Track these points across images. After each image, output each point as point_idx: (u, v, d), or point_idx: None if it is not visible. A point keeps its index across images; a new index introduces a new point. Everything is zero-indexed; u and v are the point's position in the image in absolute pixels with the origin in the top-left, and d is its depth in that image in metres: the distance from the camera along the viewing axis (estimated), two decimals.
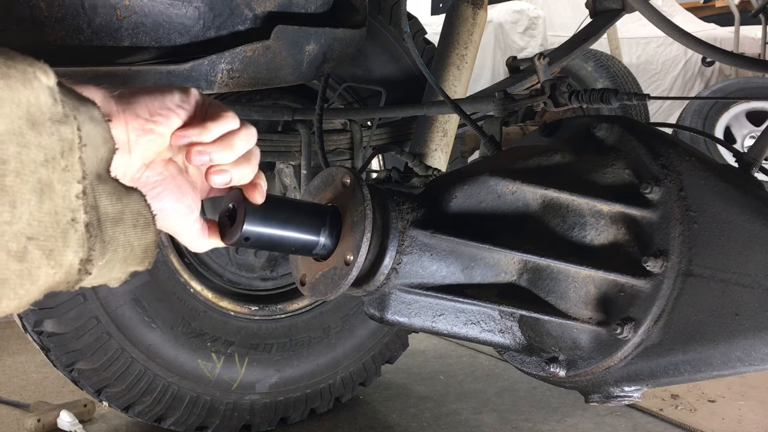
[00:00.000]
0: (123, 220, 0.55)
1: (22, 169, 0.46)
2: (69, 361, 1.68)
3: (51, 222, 0.48)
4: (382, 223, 0.88)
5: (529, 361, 1.01)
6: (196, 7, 0.96)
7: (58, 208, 0.49)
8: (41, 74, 0.48)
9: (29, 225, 0.47)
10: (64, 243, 0.49)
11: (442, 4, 8.18)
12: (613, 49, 5.61)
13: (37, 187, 0.47)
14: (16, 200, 0.46)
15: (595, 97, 1.24)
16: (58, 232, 0.49)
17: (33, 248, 0.47)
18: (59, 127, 0.49)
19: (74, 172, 0.50)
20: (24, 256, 0.47)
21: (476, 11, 1.78)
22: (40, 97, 0.48)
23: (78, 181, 0.50)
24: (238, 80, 1.03)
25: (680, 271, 0.89)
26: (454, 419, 2.04)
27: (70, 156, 0.50)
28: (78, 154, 0.50)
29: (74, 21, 0.89)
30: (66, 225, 0.49)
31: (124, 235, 0.55)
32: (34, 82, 0.47)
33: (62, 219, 0.49)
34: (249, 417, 1.91)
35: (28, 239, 0.47)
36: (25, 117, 0.46)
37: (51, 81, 0.49)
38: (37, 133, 0.47)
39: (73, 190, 0.50)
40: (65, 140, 0.49)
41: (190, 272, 1.85)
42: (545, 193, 0.96)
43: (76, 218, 0.50)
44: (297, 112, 1.74)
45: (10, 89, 0.46)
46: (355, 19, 1.21)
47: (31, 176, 0.47)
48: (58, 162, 0.49)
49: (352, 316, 2.02)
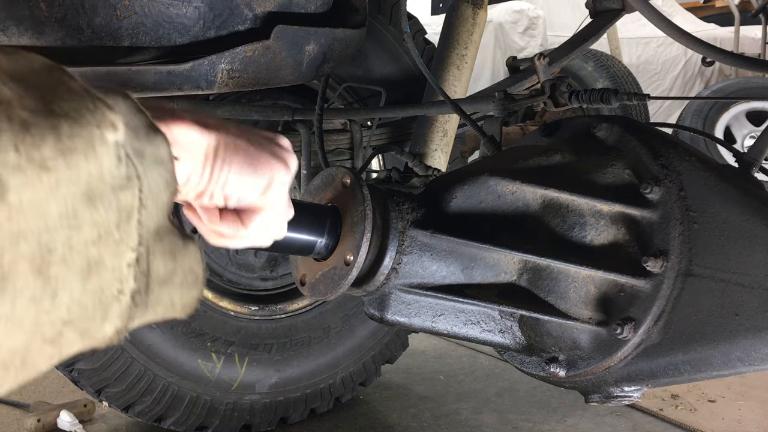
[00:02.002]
0: (172, 281, 0.47)
1: (69, 255, 0.38)
2: (69, 361, 1.68)
3: (93, 302, 0.40)
4: (382, 223, 0.88)
5: (529, 361, 1.01)
6: (196, 7, 0.96)
7: (105, 284, 0.40)
8: (109, 132, 0.39)
9: (68, 310, 0.39)
10: (103, 318, 0.41)
11: (442, 4, 8.18)
12: (613, 49, 5.61)
13: (84, 269, 0.39)
14: (58, 289, 0.38)
15: (595, 97, 1.24)
16: (98, 311, 0.41)
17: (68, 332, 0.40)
18: (119, 195, 0.40)
19: (129, 240, 0.42)
20: (57, 340, 0.39)
21: (476, 11, 1.78)
22: (104, 165, 0.39)
23: (132, 249, 0.42)
24: (238, 80, 1.03)
25: (680, 271, 0.89)
26: (454, 419, 2.04)
27: (127, 224, 0.41)
28: (136, 218, 0.42)
29: (74, 21, 0.89)
30: (110, 299, 0.41)
31: (168, 296, 0.47)
32: (100, 149, 0.39)
33: (107, 294, 0.41)
34: (249, 417, 1.91)
35: (64, 324, 0.39)
36: (81, 194, 0.38)
37: (119, 134, 0.40)
38: (93, 208, 0.39)
39: (125, 261, 0.42)
40: (123, 209, 0.41)
41: None
42: (545, 193, 0.96)
43: (123, 289, 0.42)
44: (297, 112, 1.74)
45: (69, 168, 0.37)
46: (355, 19, 1.21)
47: (79, 259, 0.39)
48: (113, 235, 0.40)
49: (352, 316, 2.02)
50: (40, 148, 0.36)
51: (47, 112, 0.37)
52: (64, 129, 0.37)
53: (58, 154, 0.37)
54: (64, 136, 0.37)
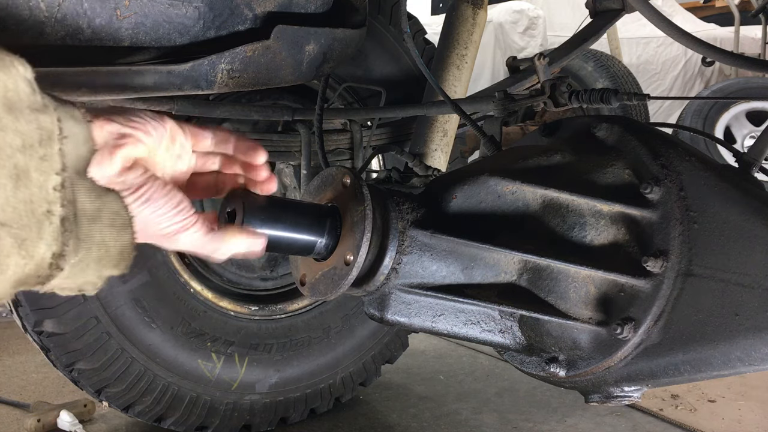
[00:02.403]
0: (100, 218, 0.54)
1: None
2: (69, 361, 1.68)
3: (25, 210, 0.47)
4: (382, 223, 0.88)
5: (529, 361, 1.01)
6: (196, 7, 0.96)
7: (34, 198, 0.47)
8: (18, 64, 0.48)
9: (2, 210, 0.45)
10: (38, 234, 0.48)
11: (442, 4, 8.18)
12: (613, 49, 5.61)
13: (13, 173, 0.46)
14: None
15: (595, 97, 1.24)
16: (32, 222, 0.47)
17: (4, 235, 0.46)
18: (38, 116, 0.48)
19: (53, 162, 0.49)
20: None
21: (476, 11, 1.78)
22: (19, 84, 0.47)
23: (56, 172, 0.49)
24: (238, 80, 1.03)
25: (680, 271, 0.89)
26: (454, 419, 2.04)
27: (49, 146, 0.49)
28: (58, 145, 0.49)
29: (74, 21, 0.88)
30: (41, 216, 0.48)
31: (100, 234, 0.54)
32: (12, 69, 0.47)
33: (38, 209, 0.48)
34: (249, 417, 1.91)
35: (0, 225, 0.45)
36: (2, 101, 0.46)
37: (28, 73, 0.48)
38: (15, 118, 0.46)
39: (50, 182, 0.49)
40: (44, 129, 0.48)
41: (190, 272, 1.85)
42: (545, 193, 0.96)
43: (52, 210, 0.49)
44: (297, 112, 1.74)
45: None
46: (355, 19, 1.21)
47: (7, 161, 0.46)
48: (36, 150, 0.47)
49: (352, 316, 2.02)
50: None
51: None
52: None
53: None
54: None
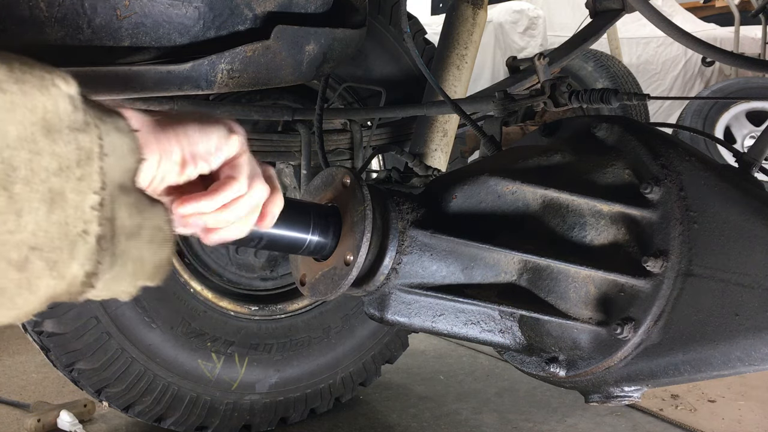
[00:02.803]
0: (139, 235, 0.53)
1: (32, 178, 0.44)
2: (69, 361, 1.68)
3: (58, 233, 0.46)
4: (382, 223, 0.88)
5: (529, 361, 1.01)
6: (196, 7, 0.96)
7: (69, 219, 0.46)
8: (60, 81, 0.46)
9: (34, 235, 0.45)
10: (70, 255, 0.47)
11: (442, 4, 8.18)
12: (613, 49, 5.61)
13: (48, 197, 0.45)
14: (22, 209, 0.44)
15: (595, 97, 1.24)
16: (65, 244, 0.46)
17: (35, 258, 0.45)
18: (77, 135, 0.47)
19: (91, 182, 0.48)
20: (24, 266, 0.45)
21: (476, 11, 1.78)
22: (59, 104, 0.46)
23: (95, 192, 0.48)
24: (238, 80, 1.03)
25: (680, 271, 0.89)
26: (454, 419, 2.04)
27: (88, 165, 0.47)
28: (98, 163, 0.48)
29: (74, 21, 0.89)
30: (76, 236, 0.47)
31: (137, 250, 0.53)
32: (52, 89, 0.46)
33: (72, 230, 0.47)
34: (249, 417, 1.91)
35: (30, 249, 0.45)
36: (39, 123, 0.45)
37: (72, 89, 0.47)
38: (52, 140, 0.45)
39: (88, 201, 0.48)
40: (83, 149, 0.47)
41: (190, 272, 1.85)
42: (545, 193, 0.96)
43: (88, 230, 0.48)
44: (297, 112, 1.74)
45: (24, 94, 0.44)
46: (355, 19, 1.21)
47: (41, 185, 0.45)
48: (73, 171, 0.46)
49: (352, 316, 2.02)
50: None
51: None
52: (15, 65, 0.44)
53: (11, 81, 0.43)
54: (15, 69, 0.44)
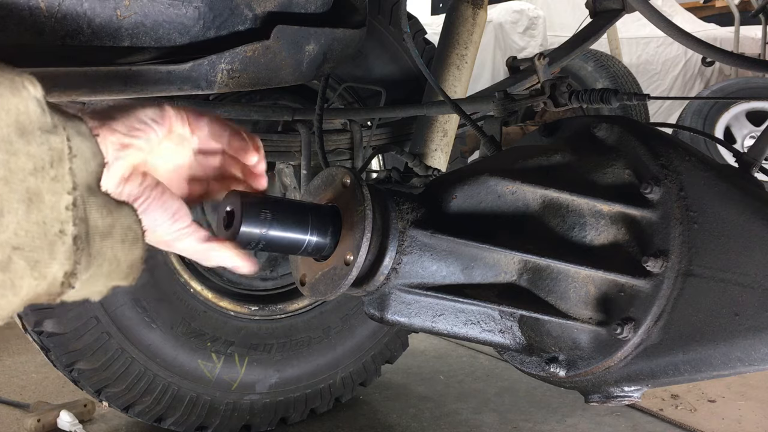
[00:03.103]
0: (112, 235, 0.54)
1: (10, 177, 0.45)
2: (69, 361, 1.68)
3: (38, 233, 0.47)
4: (382, 223, 0.88)
5: (529, 361, 1.01)
6: (196, 7, 0.96)
7: (47, 219, 0.48)
8: (29, 84, 0.48)
9: (16, 235, 0.46)
10: (50, 255, 0.48)
11: (442, 4, 8.18)
12: (613, 49, 5.61)
13: (26, 197, 0.46)
14: (3, 209, 0.45)
15: (595, 97, 1.24)
16: (45, 244, 0.47)
17: (18, 258, 0.46)
18: (48, 137, 0.48)
19: (64, 182, 0.49)
20: (8, 266, 0.45)
21: (476, 11, 1.78)
22: (29, 106, 0.47)
23: (68, 192, 0.49)
24: (238, 80, 1.03)
25: (680, 271, 0.89)
26: (454, 419, 2.04)
27: (60, 166, 0.49)
28: (68, 164, 0.49)
29: (74, 21, 0.88)
30: (54, 236, 0.48)
31: (111, 250, 0.54)
32: (23, 92, 0.47)
33: (50, 230, 0.48)
34: (249, 417, 1.91)
35: (13, 249, 0.45)
36: (14, 125, 0.46)
37: (38, 92, 0.48)
38: (26, 141, 0.46)
39: (63, 202, 0.49)
40: (55, 150, 0.48)
41: (190, 272, 1.85)
42: (545, 193, 0.96)
43: (65, 230, 0.49)
44: (297, 112, 1.74)
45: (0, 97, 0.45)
46: (355, 19, 1.21)
47: (19, 185, 0.46)
48: (48, 172, 0.48)
49: (352, 316, 2.02)
50: None
51: None
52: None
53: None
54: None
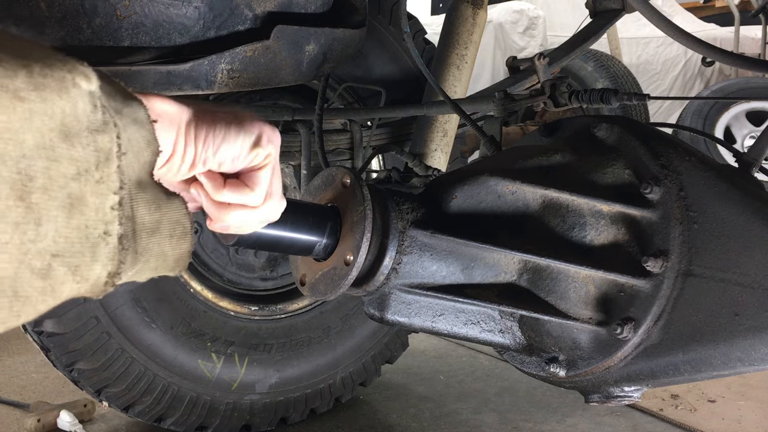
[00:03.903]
0: (159, 230, 0.51)
1: (50, 185, 0.42)
2: (69, 361, 1.68)
3: (79, 237, 0.44)
4: (382, 223, 0.88)
5: (529, 361, 1.01)
6: (196, 7, 0.96)
7: (90, 222, 0.45)
8: (81, 80, 0.44)
9: (55, 242, 0.43)
10: (92, 257, 0.45)
11: (442, 4, 8.18)
12: (613, 49, 5.61)
13: (67, 203, 0.43)
14: (41, 218, 0.42)
15: (595, 97, 1.24)
16: (86, 247, 0.45)
17: (58, 265, 0.43)
18: (96, 137, 0.45)
19: (110, 183, 0.46)
20: (48, 274, 0.43)
21: (476, 11, 1.78)
22: (78, 106, 0.43)
23: (114, 192, 0.46)
24: (238, 80, 1.03)
25: (680, 271, 0.89)
26: (454, 419, 2.04)
27: (107, 166, 0.46)
28: (116, 163, 0.46)
29: (74, 21, 0.89)
30: (97, 239, 0.45)
31: (158, 246, 0.51)
32: (72, 90, 0.43)
33: (93, 232, 0.45)
34: (249, 417, 1.91)
35: (53, 256, 0.43)
36: (58, 129, 0.42)
37: (93, 85, 0.45)
38: (71, 145, 0.43)
39: (108, 202, 0.46)
40: (102, 150, 0.45)
41: (190, 272, 1.85)
42: (545, 193, 0.96)
43: (109, 231, 0.46)
44: (297, 112, 1.74)
45: (43, 101, 0.41)
46: (355, 19, 1.21)
47: (59, 192, 0.43)
48: (92, 174, 0.45)
49: (352, 316, 2.02)
50: (13, 79, 0.40)
51: (20, 56, 0.41)
52: (35, 68, 0.41)
53: (30, 88, 0.41)
54: (35, 73, 0.41)
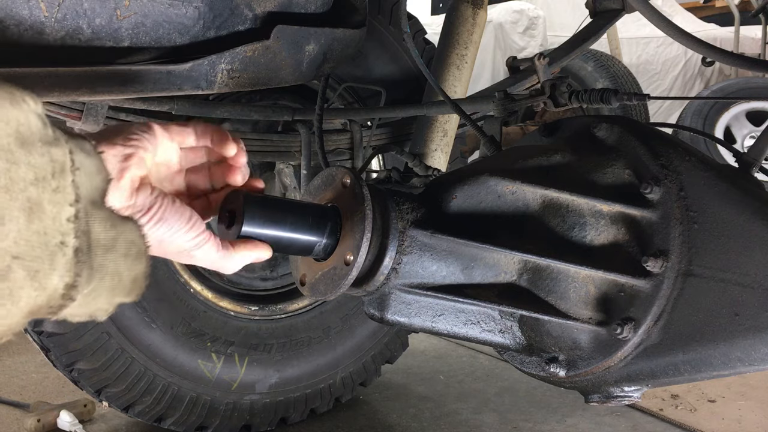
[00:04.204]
0: (115, 248, 0.54)
1: (11, 186, 0.45)
2: (69, 361, 1.68)
3: (39, 242, 0.47)
4: (382, 223, 0.88)
5: (529, 361, 1.01)
6: (196, 7, 0.96)
7: (48, 229, 0.47)
8: (29, 99, 0.48)
9: (16, 243, 0.45)
10: (50, 265, 0.48)
11: (442, 4, 8.18)
12: (613, 49, 5.61)
13: (26, 206, 0.46)
14: (4, 217, 0.45)
15: (595, 97, 1.24)
16: (45, 254, 0.47)
17: (17, 267, 0.46)
18: (50, 149, 0.48)
19: (66, 194, 0.49)
20: (7, 275, 0.45)
21: (476, 11, 1.78)
22: (30, 118, 0.47)
23: (70, 204, 0.49)
24: (238, 80, 1.03)
25: (680, 271, 0.89)
26: (454, 419, 2.04)
27: (62, 178, 0.49)
28: (71, 177, 0.49)
29: (74, 21, 0.89)
30: (54, 247, 0.48)
31: (114, 264, 0.54)
32: (23, 104, 0.47)
33: (51, 241, 0.48)
34: (249, 417, 1.91)
35: (13, 258, 0.45)
36: (14, 135, 0.46)
37: (38, 108, 0.48)
38: (27, 152, 0.46)
39: (64, 213, 0.49)
40: (56, 161, 0.48)
41: (190, 272, 1.85)
42: (545, 193, 0.96)
43: (66, 242, 0.49)
44: (297, 112, 1.74)
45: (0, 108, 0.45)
46: (355, 19, 1.21)
47: (20, 194, 0.46)
48: (49, 182, 0.48)
49: (352, 316, 2.02)
50: None
51: None
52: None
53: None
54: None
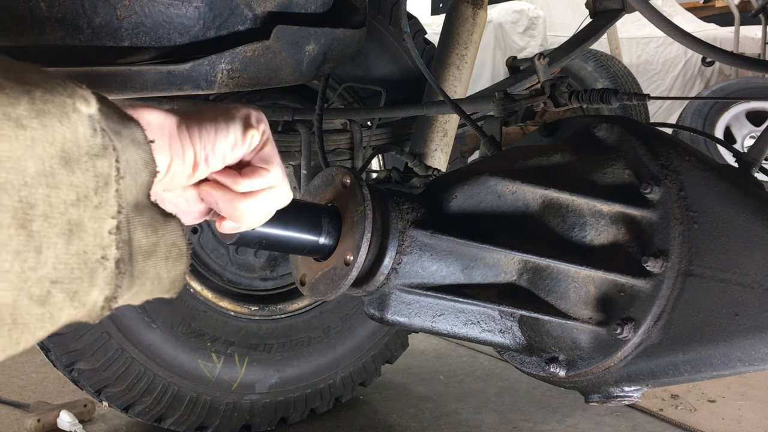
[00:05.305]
0: (156, 253, 0.51)
1: (50, 212, 0.42)
2: (69, 361, 1.68)
3: (78, 263, 0.44)
4: (382, 223, 0.88)
5: (529, 361, 1.01)
6: (196, 7, 0.96)
7: (88, 248, 0.44)
8: (81, 104, 0.44)
9: (54, 269, 0.42)
10: (90, 283, 0.45)
11: (442, 4, 8.18)
12: (613, 49, 5.61)
13: (66, 229, 0.43)
14: (42, 245, 0.41)
15: (595, 97, 1.24)
16: (84, 273, 0.44)
17: (57, 292, 0.43)
18: (96, 162, 0.44)
19: (108, 207, 0.46)
20: (47, 300, 0.42)
21: (476, 11, 1.78)
22: (78, 131, 0.43)
23: (112, 216, 0.46)
24: (238, 80, 1.03)
25: (680, 271, 0.89)
26: (454, 419, 2.04)
27: (105, 191, 0.45)
28: (114, 187, 0.46)
29: (74, 21, 0.89)
30: (95, 264, 0.45)
31: (154, 269, 0.51)
32: (73, 116, 0.43)
33: (91, 258, 0.45)
34: (249, 417, 1.91)
35: (52, 283, 0.42)
36: (58, 155, 0.42)
37: (92, 109, 0.45)
38: (70, 171, 0.43)
39: (105, 227, 0.45)
40: (101, 175, 0.45)
41: (190, 272, 1.85)
42: (545, 193, 0.96)
43: (107, 255, 0.46)
44: (297, 112, 1.74)
45: (44, 128, 0.41)
46: (355, 19, 1.21)
47: (60, 218, 0.42)
48: (91, 200, 0.44)
49: (352, 316, 2.02)
50: (15, 107, 0.40)
51: (21, 82, 0.41)
52: (37, 94, 0.41)
53: (32, 115, 0.41)
54: (37, 99, 0.41)
